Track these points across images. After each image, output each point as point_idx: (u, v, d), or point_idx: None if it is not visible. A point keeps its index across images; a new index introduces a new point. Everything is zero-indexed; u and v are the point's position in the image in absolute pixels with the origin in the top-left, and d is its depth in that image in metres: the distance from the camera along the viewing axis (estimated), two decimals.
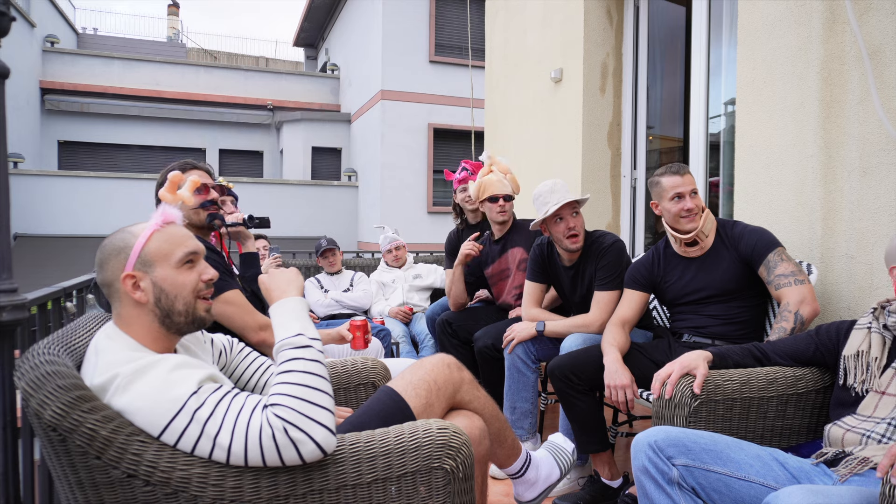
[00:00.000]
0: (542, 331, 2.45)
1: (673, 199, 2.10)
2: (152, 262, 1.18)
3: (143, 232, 1.20)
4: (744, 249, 2.05)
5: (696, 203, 2.09)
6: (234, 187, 2.95)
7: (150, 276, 1.18)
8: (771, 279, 1.99)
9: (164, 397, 1.05)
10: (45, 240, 9.85)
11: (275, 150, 13.68)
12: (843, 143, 2.12)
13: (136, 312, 1.18)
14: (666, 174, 2.14)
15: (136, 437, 1.03)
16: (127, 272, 1.16)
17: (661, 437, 1.42)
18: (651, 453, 1.41)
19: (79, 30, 15.51)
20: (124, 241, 1.19)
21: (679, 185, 2.10)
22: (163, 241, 1.20)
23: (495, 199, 2.89)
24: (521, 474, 1.68)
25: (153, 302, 1.18)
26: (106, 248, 1.20)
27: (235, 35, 31.05)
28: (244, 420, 1.06)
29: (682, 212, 2.09)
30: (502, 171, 2.97)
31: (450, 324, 3.02)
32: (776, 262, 1.98)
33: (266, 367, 1.60)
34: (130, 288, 1.17)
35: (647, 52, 3.59)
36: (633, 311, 2.25)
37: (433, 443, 1.16)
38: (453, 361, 1.55)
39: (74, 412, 1.00)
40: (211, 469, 1.06)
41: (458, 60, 10.44)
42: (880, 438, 1.40)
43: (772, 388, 1.68)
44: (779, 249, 2.01)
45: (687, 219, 2.09)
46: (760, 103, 2.43)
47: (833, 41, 2.15)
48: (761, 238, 2.04)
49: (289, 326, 1.22)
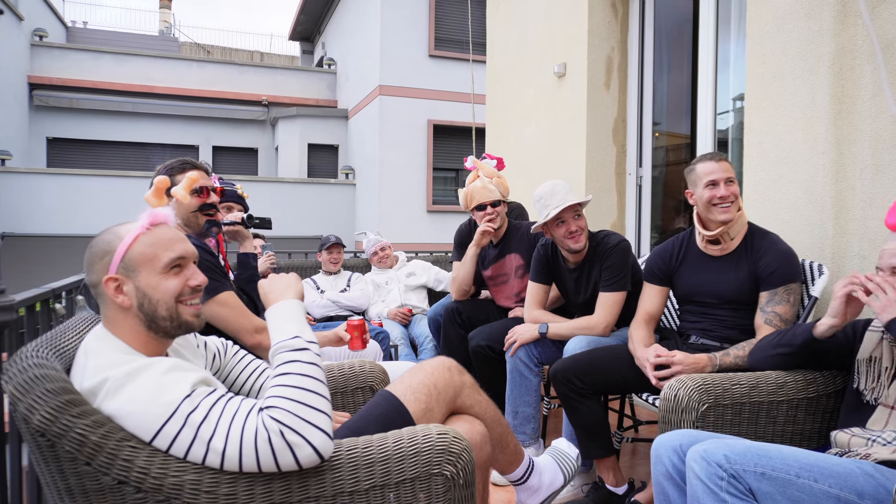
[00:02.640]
0: (545, 333, 2.45)
1: (707, 186, 2.07)
2: (135, 266, 1.17)
3: (128, 234, 1.18)
4: (763, 268, 2.02)
5: (732, 191, 2.05)
6: (248, 197, 2.87)
7: (132, 280, 1.17)
8: (766, 309, 1.99)
9: (157, 401, 1.05)
10: (33, 239, 9.85)
11: (270, 147, 13.68)
12: (855, 140, 2.12)
13: (122, 316, 1.18)
14: (701, 160, 2.12)
15: (127, 443, 1.03)
16: (109, 275, 1.16)
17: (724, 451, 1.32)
18: (709, 465, 1.31)
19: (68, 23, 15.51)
20: (109, 243, 1.18)
21: (714, 171, 2.06)
22: (148, 245, 1.18)
23: (482, 207, 2.91)
24: (523, 481, 1.68)
25: (136, 307, 1.17)
26: (92, 248, 1.19)
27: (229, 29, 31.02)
28: (239, 423, 1.06)
29: (714, 199, 2.05)
30: (488, 176, 2.98)
31: (460, 313, 2.99)
32: (781, 300, 1.98)
33: (261, 371, 1.59)
34: (113, 291, 1.16)
35: (654, 45, 3.59)
36: (655, 306, 2.25)
37: (433, 448, 1.16)
38: (454, 365, 1.54)
39: (63, 417, 1.00)
40: (204, 475, 1.06)
41: (458, 55, 10.44)
42: (886, 443, 1.41)
43: (782, 393, 1.68)
44: (792, 286, 1.99)
45: (719, 207, 2.05)
46: (770, 99, 2.43)
47: (845, 35, 2.15)
48: (784, 266, 2.00)
49: (285, 329, 1.22)
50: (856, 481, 1.28)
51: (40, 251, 9.52)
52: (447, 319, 3.02)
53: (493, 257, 3.04)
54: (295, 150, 12.51)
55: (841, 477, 1.28)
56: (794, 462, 1.30)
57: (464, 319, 2.98)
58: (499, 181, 2.98)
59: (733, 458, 1.29)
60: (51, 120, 12.09)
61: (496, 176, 3.00)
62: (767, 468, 1.28)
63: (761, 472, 1.28)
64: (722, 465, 1.29)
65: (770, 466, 1.29)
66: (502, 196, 2.96)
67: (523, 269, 2.95)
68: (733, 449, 1.31)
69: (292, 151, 12.53)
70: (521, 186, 4.30)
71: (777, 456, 1.31)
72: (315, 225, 11.16)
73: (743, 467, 1.28)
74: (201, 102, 13.00)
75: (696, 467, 1.32)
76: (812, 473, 1.28)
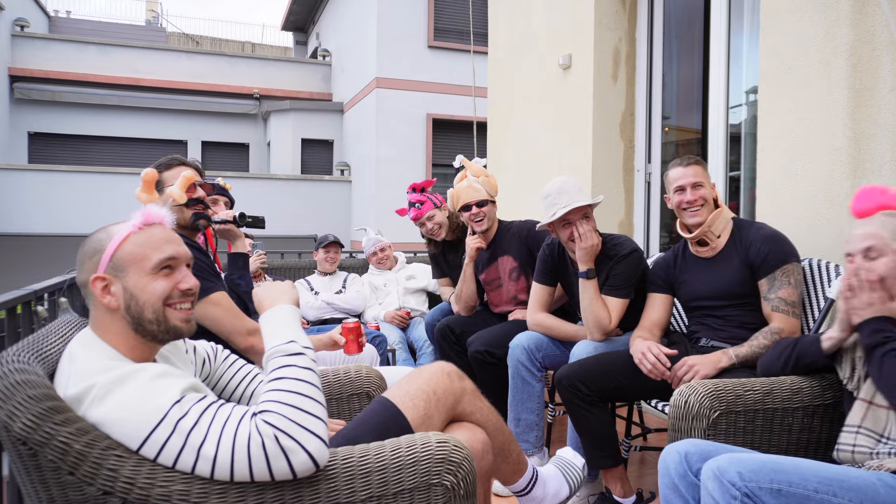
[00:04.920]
0: None
1: (676, 192, 2.19)
2: (124, 266, 1.18)
3: (119, 233, 1.20)
4: (753, 256, 2.08)
5: (699, 195, 2.14)
6: (231, 188, 2.92)
7: (121, 280, 1.18)
8: (770, 298, 2.03)
9: (145, 407, 1.05)
10: (14, 239, 9.84)
11: (262, 143, 13.68)
12: (873, 135, 2.12)
13: (110, 318, 1.18)
14: (673, 166, 2.23)
15: (113, 451, 1.03)
16: (97, 274, 1.17)
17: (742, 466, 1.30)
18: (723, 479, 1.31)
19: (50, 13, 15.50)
20: (100, 241, 1.20)
21: (681, 176, 2.18)
22: (138, 245, 1.19)
23: (467, 207, 2.96)
24: (527, 491, 1.68)
25: (123, 308, 1.18)
26: (84, 247, 1.21)
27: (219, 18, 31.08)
28: (231, 429, 1.06)
29: (682, 203, 2.16)
30: (475, 175, 3.01)
31: (452, 330, 3.02)
32: (781, 284, 2.02)
33: (254, 376, 1.60)
34: (100, 291, 1.17)
35: (663, 36, 3.59)
36: (659, 315, 2.29)
37: (432, 457, 1.16)
38: (454, 370, 1.55)
39: (46, 424, 1.00)
40: (193, 485, 1.06)
41: (458, 46, 10.42)
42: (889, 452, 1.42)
43: (797, 399, 1.68)
44: (788, 267, 2.02)
45: (688, 212, 2.16)
46: (784, 92, 2.43)
47: (863, 25, 2.15)
48: (774, 248, 2.05)
49: (280, 334, 1.22)
50: (876, 494, 1.28)
51: (21, 251, 9.52)
52: (440, 338, 3.06)
53: (486, 260, 3.07)
54: (288, 146, 12.51)
55: (861, 490, 1.28)
56: (812, 476, 1.30)
57: (457, 335, 3.01)
58: (486, 180, 3.00)
59: (747, 476, 1.28)
60: (32, 114, 12.09)
61: (483, 175, 3.02)
62: (784, 484, 1.28)
63: (777, 488, 1.28)
64: (735, 483, 1.28)
65: (786, 482, 1.28)
66: (489, 196, 2.99)
67: (517, 272, 2.98)
68: (747, 465, 1.30)
69: (285, 147, 12.53)
70: (523, 184, 4.30)
71: (793, 470, 1.31)
72: (309, 224, 11.15)
73: (758, 484, 1.28)
74: (189, 95, 13.00)
75: (710, 486, 1.32)
76: (831, 487, 1.28)
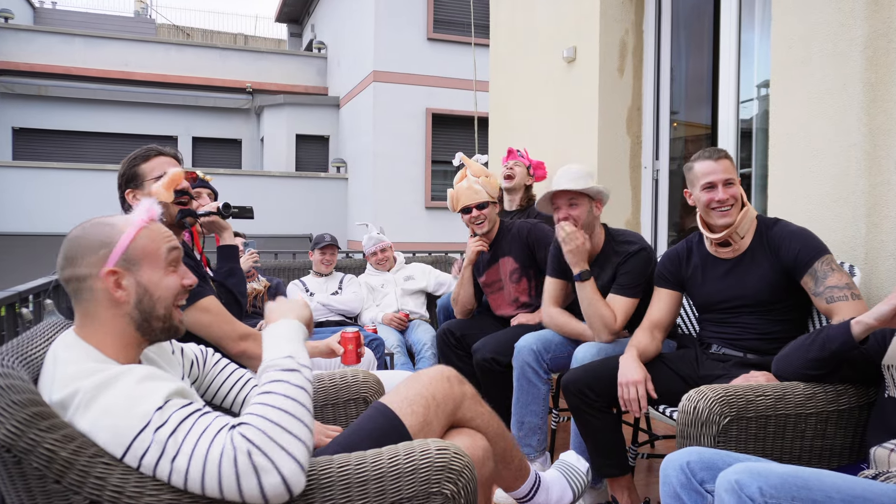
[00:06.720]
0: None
1: (705, 189, 2.07)
2: (138, 260, 1.19)
3: (128, 227, 1.20)
4: (785, 256, 2.00)
5: (731, 194, 2.04)
6: (212, 180, 2.94)
7: (133, 274, 1.19)
8: (821, 291, 1.92)
9: (130, 413, 1.05)
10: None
11: (255, 138, 13.68)
12: (890, 130, 2.12)
13: (112, 314, 1.18)
14: (699, 158, 2.11)
15: (100, 459, 1.03)
16: (109, 268, 1.16)
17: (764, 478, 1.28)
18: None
19: (35, 3, 15.52)
20: (107, 234, 1.19)
21: (711, 171, 2.06)
22: (150, 239, 1.21)
23: (467, 210, 2.98)
24: (529, 498, 1.69)
25: (134, 303, 1.18)
26: (81, 240, 1.18)
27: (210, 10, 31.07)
28: (206, 441, 1.05)
29: (712, 202, 2.05)
30: (476, 175, 3.01)
31: (453, 333, 3.04)
32: (825, 272, 1.93)
33: (246, 381, 1.59)
34: (112, 285, 1.16)
35: (671, 28, 3.59)
36: (664, 313, 2.25)
37: (431, 465, 1.16)
38: (454, 374, 1.55)
39: (31, 431, 1.00)
40: (183, 497, 1.05)
41: (459, 38, 10.42)
42: None
43: (810, 405, 1.68)
44: (826, 257, 1.95)
45: (717, 211, 2.05)
46: (797, 86, 2.43)
47: (878, 16, 2.15)
48: (806, 243, 1.99)
49: (280, 347, 1.22)
50: None
51: (5, 251, 9.51)
52: (441, 343, 3.09)
53: (486, 262, 3.08)
54: (282, 142, 12.51)
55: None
56: (836, 493, 1.26)
57: (458, 338, 3.03)
58: (486, 180, 3.00)
59: (768, 492, 1.25)
60: (17, 108, 12.09)
61: (484, 174, 3.02)
62: (807, 501, 1.24)
63: None
64: (755, 498, 1.24)
65: (810, 499, 1.25)
66: (490, 196, 2.99)
67: (518, 274, 2.99)
68: (768, 480, 1.26)
69: (279, 143, 12.54)
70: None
71: (816, 486, 1.27)
72: (304, 223, 11.16)
73: (779, 501, 1.24)
74: (180, 90, 13.00)
75: (726, 498, 1.28)
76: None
